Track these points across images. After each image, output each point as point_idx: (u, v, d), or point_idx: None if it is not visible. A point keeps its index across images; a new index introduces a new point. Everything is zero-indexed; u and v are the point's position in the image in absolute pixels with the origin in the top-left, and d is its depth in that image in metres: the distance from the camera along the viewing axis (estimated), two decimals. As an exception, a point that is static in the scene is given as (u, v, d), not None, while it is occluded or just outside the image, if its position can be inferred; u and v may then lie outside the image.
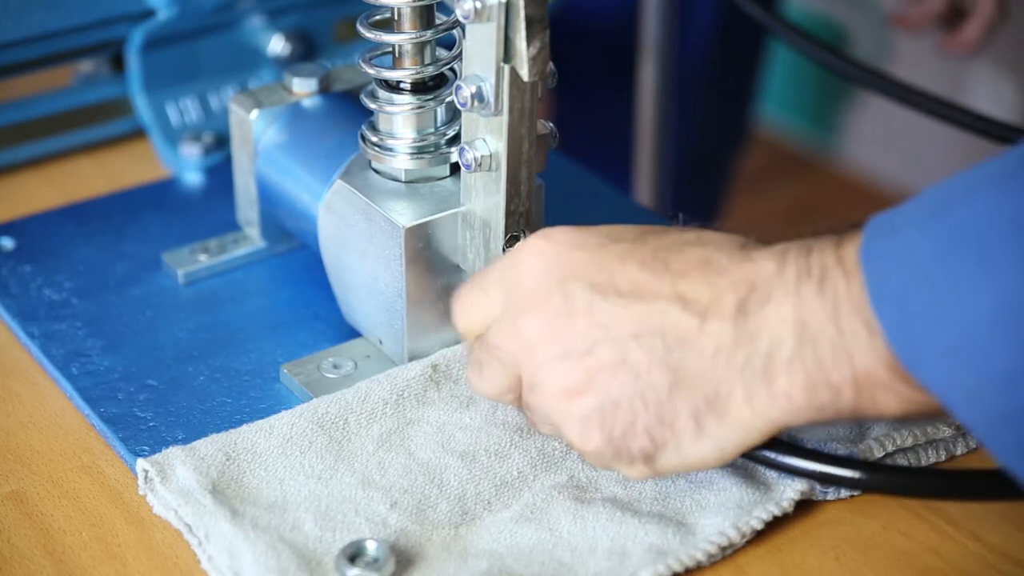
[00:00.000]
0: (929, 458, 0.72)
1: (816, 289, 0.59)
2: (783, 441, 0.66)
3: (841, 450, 0.70)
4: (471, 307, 0.69)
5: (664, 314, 0.62)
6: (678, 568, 0.65)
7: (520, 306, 0.66)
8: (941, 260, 0.55)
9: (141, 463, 0.70)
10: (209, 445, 0.70)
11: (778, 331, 0.60)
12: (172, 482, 0.69)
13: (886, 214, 0.59)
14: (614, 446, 0.64)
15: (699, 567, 0.66)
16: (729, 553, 0.67)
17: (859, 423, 0.72)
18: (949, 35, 1.44)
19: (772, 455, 0.65)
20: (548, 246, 0.66)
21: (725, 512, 0.68)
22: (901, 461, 0.71)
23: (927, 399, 0.58)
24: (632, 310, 0.63)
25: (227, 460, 0.70)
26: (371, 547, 0.65)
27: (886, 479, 0.66)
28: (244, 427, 0.72)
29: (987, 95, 2.23)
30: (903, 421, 0.71)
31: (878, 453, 0.70)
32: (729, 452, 0.63)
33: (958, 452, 0.72)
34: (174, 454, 0.70)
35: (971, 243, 0.55)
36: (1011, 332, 0.53)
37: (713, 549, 0.66)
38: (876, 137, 2.45)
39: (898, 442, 0.71)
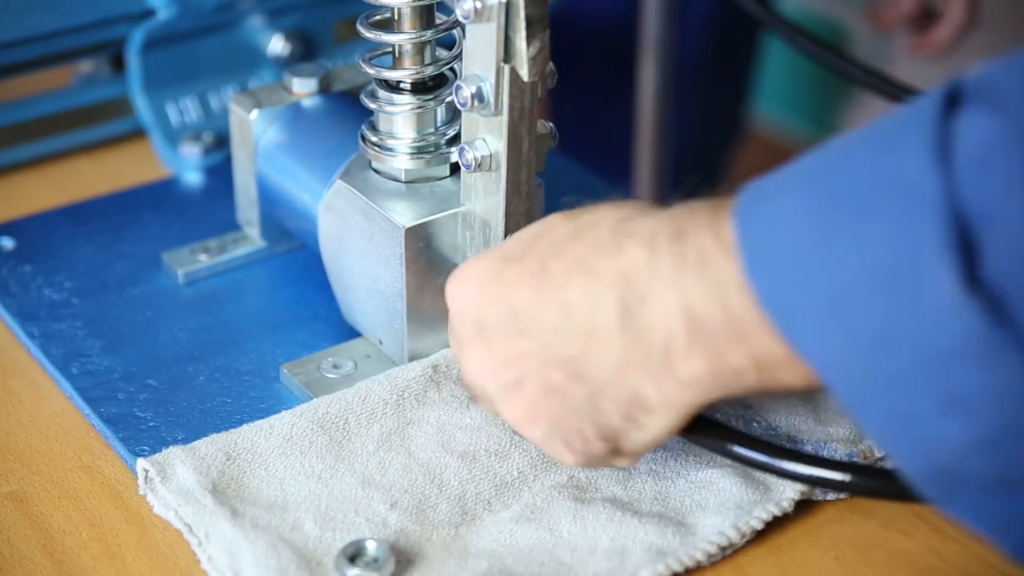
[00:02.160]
0: (929, 458, 0.72)
1: (696, 275, 0.58)
2: (777, 446, 0.66)
3: (841, 450, 0.70)
4: (452, 349, 0.71)
5: (559, 333, 0.63)
6: (678, 568, 0.65)
7: (459, 350, 0.68)
8: (814, 222, 0.54)
9: (141, 463, 0.70)
10: (209, 445, 0.70)
11: (667, 323, 0.59)
12: (172, 482, 0.69)
13: (761, 181, 0.58)
14: (584, 456, 0.66)
15: (699, 567, 0.66)
16: (729, 553, 0.67)
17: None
18: (919, 37, 1.46)
19: (765, 459, 0.66)
20: (459, 288, 0.67)
21: (725, 512, 0.68)
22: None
23: None
24: (533, 336, 0.64)
25: (227, 460, 0.70)
26: (371, 547, 0.65)
27: (877, 484, 0.66)
28: (244, 427, 0.72)
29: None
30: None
31: (878, 452, 0.70)
32: (672, 430, 0.63)
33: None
34: (174, 454, 0.70)
35: (845, 204, 0.53)
36: (884, 291, 0.52)
37: (713, 549, 0.66)
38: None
39: (898, 442, 0.71)
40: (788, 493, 0.68)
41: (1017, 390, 0.50)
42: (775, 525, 0.68)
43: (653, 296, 0.60)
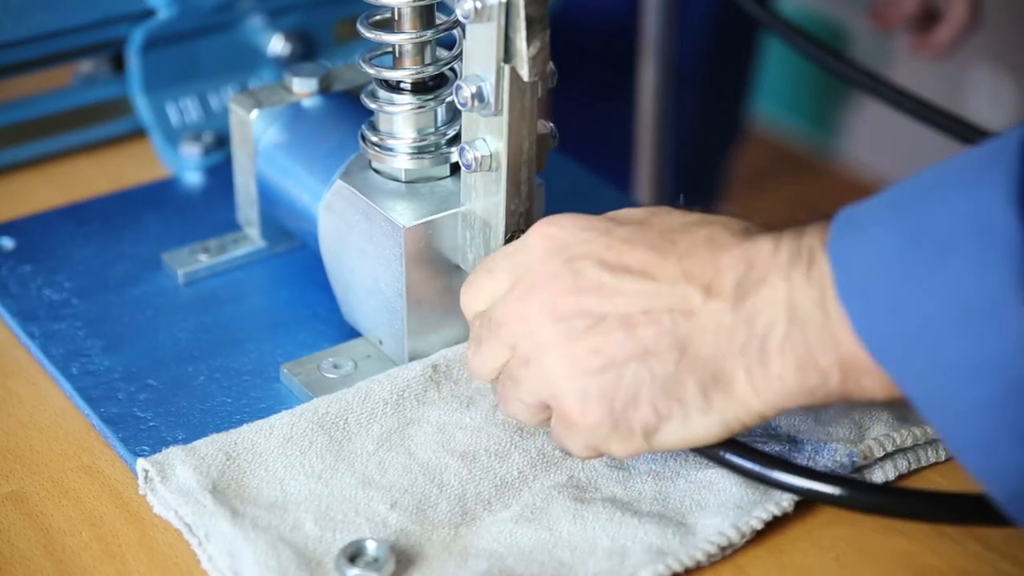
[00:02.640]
0: (929, 458, 0.72)
1: (805, 272, 0.61)
2: (771, 455, 0.67)
3: (841, 450, 0.70)
4: (477, 288, 0.70)
5: (672, 290, 0.64)
6: (678, 568, 0.65)
7: (527, 285, 0.67)
8: (903, 256, 0.57)
9: (141, 463, 0.70)
10: (209, 445, 0.70)
11: (772, 312, 0.62)
12: (172, 482, 0.69)
13: (854, 208, 0.61)
14: (614, 418, 0.65)
15: (699, 567, 0.66)
16: (729, 553, 0.67)
17: (859, 425, 0.72)
18: (921, 37, 1.46)
19: (759, 468, 0.66)
20: (556, 230, 0.67)
21: (725, 512, 0.68)
22: (901, 461, 0.71)
23: None
24: (641, 286, 0.64)
25: (227, 460, 0.70)
26: (371, 547, 0.65)
27: (868, 498, 0.66)
28: (244, 427, 0.72)
29: (986, 96, 2.23)
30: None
31: (878, 453, 0.70)
32: (733, 427, 0.64)
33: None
34: (174, 454, 0.70)
35: (932, 241, 0.57)
36: (965, 328, 0.55)
37: (713, 549, 0.66)
38: (875, 137, 2.45)
39: (897, 442, 0.71)
40: (788, 493, 0.68)
41: None
42: (775, 525, 0.68)
43: (768, 284, 0.62)
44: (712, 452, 0.67)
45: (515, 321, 0.67)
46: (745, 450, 0.67)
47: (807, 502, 0.69)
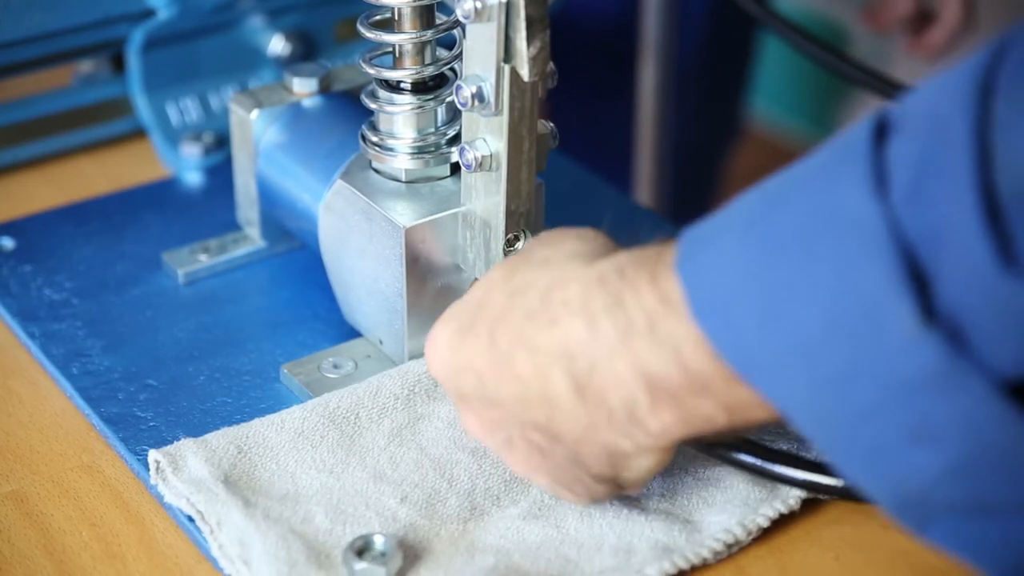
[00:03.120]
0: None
1: (647, 340, 0.58)
2: (777, 450, 0.67)
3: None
4: None
5: (522, 402, 0.63)
6: (684, 565, 0.65)
7: (457, 410, 0.69)
8: (762, 266, 0.54)
9: (153, 454, 0.70)
10: (221, 438, 0.71)
11: (623, 389, 0.59)
12: (184, 472, 0.69)
13: (696, 228, 0.57)
14: (589, 496, 0.66)
15: (704, 564, 0.66)
16: (735, 551, 0.67)
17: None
18: (915, 38, 1.46)
19: (762, 464, 0.66)
20: (432, 356, 0.66)
21: (731, 509, 0.68)
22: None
23: None
24: (502, 405, 0.64)
25: (239, 453, 0.70)
26: (379, 541, 0.65)
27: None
28: (256, 421, 0.72)
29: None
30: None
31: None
32: (662, 463, 0.63)
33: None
34: (186, 446, 0.70)
35: (791, 245, 0.53)
36: (842, 330, 0.52)
37: (719, 547, 0.66)
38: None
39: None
40: (795, 491, 0.68)
41: (983, 415, 0.50)
42: (776, 524, 0.68)
43: (601, 366, 0.59)
44: (715, 450, 0.67)
45: (471, 434, 0.68)
46: (750, 446, 0.67)
47: (808, 501, 0.69)
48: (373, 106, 0.77)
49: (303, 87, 0.84)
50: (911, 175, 0.51)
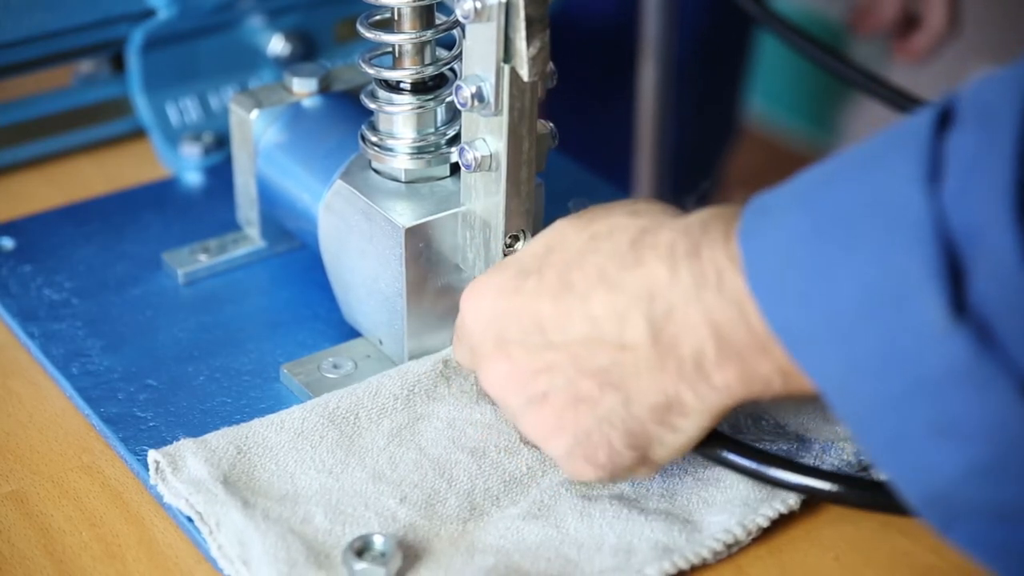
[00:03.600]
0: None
1: (716, 293, 0.59)
2: (775, 456, 0.67)
3: (848, 449, 0.70)
4: (462, 361, 0.71)
5: (588, 344, 0.63)
6: (684, 565, 0.65)
7: (478, 364, 0.68)
8: (809, 244, 0.55)
9: (152, 454, 0.70)
10: (220, 438, 0.71)
11: (694, 337, 0.60)
12: (183, 472, 0.69)
13: (762, 197, 0.58)
14: (607, 470, 0.66)
15: (704, 564, 0.66)
16: (735, 551, 0.67)
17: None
18: (901, 43, 1.47)
19: (762, 468, 0.66)
20: (476, 303, 0.67)
21: (731, 509, 0.68)
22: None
23: None
24: (561, 348, 0.64)
25: (238, 453, 0.70)
26: (378, 542, 0.65)
27: (868, 496, 0.66)
28: (255, 421, 0.72)
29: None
30: None
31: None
32: (704, 431, 0.64)
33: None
34: (185, 446, 0.70)
35: (837, 227, 0.54)
36: (876, 316, 0.52)
37: (719, 547, 0.66)
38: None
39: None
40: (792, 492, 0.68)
41: (1009, 417, 0.50)
42: (775, 524, 0.68)
43: (678, 311, 0.60)
44: (712, 452, 0.67)
45: (491, 391, 0.68)
46: (745, 449, 0.67)
47: (808, 501, 0.69)
48: (373, 106, 0.77)
49: (303, 87, 0.84)
50: (964, 168, 0.51)
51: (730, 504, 0.68)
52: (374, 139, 0.77)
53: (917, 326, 0.51)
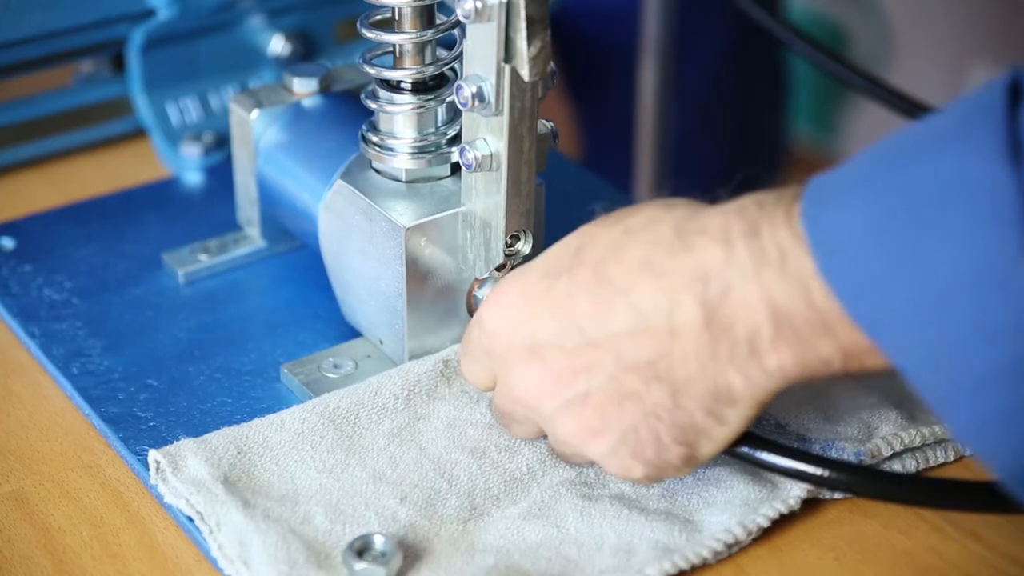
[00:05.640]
0: (937, 458, 0.72)
1: (778, 271, 0.58)
2: (782, 445, 0.66)
3: (849, 449, 0.70)
4: (472, 378, 0.71)
5: (633, 336, 0.62)
6: (684, 565, 0.65)
7: (505, 372, 0.67)
8: (891, 224, 0.54)
9: (153, 454, 0.70)
10: (220, 438, 0.71)
11: (751, 317, 0.59)
12: (184, 472, 0.69)
13: (822, 179, 0.58)
14: (655, 466, 0.65)
15: (704, 564, 0.66)
16: (735, 551, 0.67)
17: (867, 424, 0.72)
18: None
19: (772, 458, 0.66)
20: (501, 309, 0.67)
21: (732, 509, 0.68)
22: (909, 461, 0.71)
23: None
24: (603, 344, 0.63)
25: (239, 453, 0.70)
26: (379, 542, 0.65)
27: (882, 486, 0.66)
28: (255, 421, 0.72)
29: (986, 95, 2.23)
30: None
31: (886, 452, 0.70)
32: (750, 421, 0.63)
33: (967, 452, 0.72)
34: (186, 446, 0.70)
35: (919, 207, 0.54)
36: (971, 294, 0.52)
37: (720, 547, 0.66)
38: (875, 137, 2.44)
39: (906, 441, 0.71)
40: (795, 491, 0.68)
41: None
42: (776, 525, 0.68)
43: (735, 291, 0.60)
44: (743, 452, 0.67)
45: (515, 405, 0.67)
46: (759, 441, 0.66)
47: (810, 501, 0.69)
48: (373, 106, 0.77)
49: (303, 87, 0.84)
50: None
51: (730, 504, 0.68)
52: (375, 139, 0.77)
53: (1011, 305, 0.51)
